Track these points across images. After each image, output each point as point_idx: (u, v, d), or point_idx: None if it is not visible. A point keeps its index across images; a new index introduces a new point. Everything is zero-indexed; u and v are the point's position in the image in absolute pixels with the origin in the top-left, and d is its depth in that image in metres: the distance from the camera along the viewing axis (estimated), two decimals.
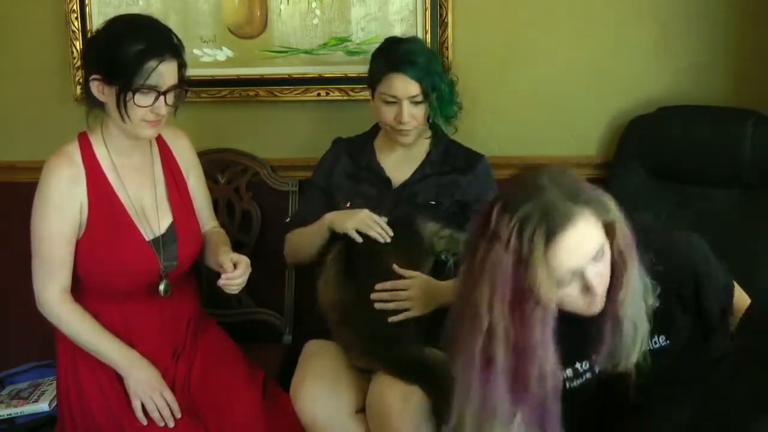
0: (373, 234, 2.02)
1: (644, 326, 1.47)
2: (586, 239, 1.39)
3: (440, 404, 1.79)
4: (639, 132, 2.31)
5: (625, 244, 1.44)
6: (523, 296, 1.37)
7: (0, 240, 2.57)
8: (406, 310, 1.98)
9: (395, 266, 2.01)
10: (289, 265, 2.36)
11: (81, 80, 1.90)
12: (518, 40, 2.43)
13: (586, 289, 1.42)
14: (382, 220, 2.05)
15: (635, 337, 1.46)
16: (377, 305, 1.98)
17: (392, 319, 1.98)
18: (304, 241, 2.16)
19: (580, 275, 1.41)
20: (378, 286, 1.99)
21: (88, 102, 1.91)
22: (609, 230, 1.43)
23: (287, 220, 2.30)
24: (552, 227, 1.35)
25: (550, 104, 2.45)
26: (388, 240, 2.03)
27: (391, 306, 1.98)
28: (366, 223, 2.03)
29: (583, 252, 1.39)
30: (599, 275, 1.42)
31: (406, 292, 1.99)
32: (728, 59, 2.35)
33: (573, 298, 1.44)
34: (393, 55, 2.10)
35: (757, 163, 2.13)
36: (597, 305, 1.45)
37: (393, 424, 1.86)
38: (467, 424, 1.46)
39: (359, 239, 2.02)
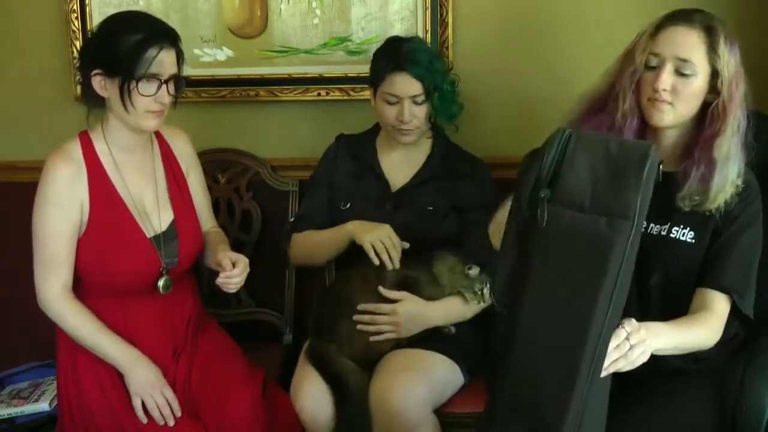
0: (384, 257, 2.01)
1: (732, 175, 1.69)
2: (683, 40, 1.68)
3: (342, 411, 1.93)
4: None
5: (730, 104, 1.69)
6: (629, 55, 1.76)
7: (0, 240, 2.57)
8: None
9: (380, 288, 2.01)
10: (294, 265, 2.33)
11: (80, 80, 1.91)
12: (518, 40, 2.43)
13: (655, 81, 1.68)
14: (399, 244, 2.03)
15: (720, 182, 1.68)
16: (359, 326, 2.00)
17: (373, 339, 1.99)
18: (321, 245, 2.15)
19: (660, 64, 1.69)
20: (360, 307, 2.00)
21: (88, 100, 1.92)
22: (714, 74, 1.69)
23: (291, 219, 2.28)
24: (672, 16, 1.73)
25: (551, 104, 2.44)
26: (397, 266, 2.02)
27: (371, 329, 1.99)
28: (382, 243, 2.01)
29: (673, 46, 1.68)
30: (672, 84, 1.68)
31: (388, 317, 1.99)
32: None
33: (646, 87, 1.71)
34: (395, 54, 2.09)
35: (760, 164, 2.13)
36: (657, 111, 1.70)
37: (393, 421, 1.87)
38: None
39: (376, 261, 2.01)
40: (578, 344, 1.37)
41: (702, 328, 1.65)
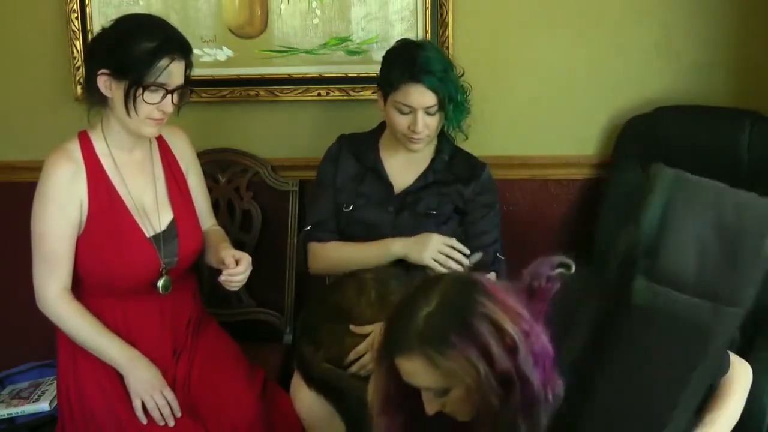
0: (452, 265, 2.00)
1: None
2: (415, 374, 1.37)
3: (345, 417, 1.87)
4: (636, 132, 2.32)
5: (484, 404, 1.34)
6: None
7: (0, 240, 2.57)
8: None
9: (351, 327, 1.96)
10: (314, 274, 2.25)
11: (81, 79, 1.91)
12: (518, 40, 2.43)
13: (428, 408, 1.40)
14: (455, 242, 2.02)
15: None
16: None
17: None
18: (355, 262, 2.09)
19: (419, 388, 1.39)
20: (351, 357, 1.94)
21: (90, 96, 1.92)
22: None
23: (307, 228, 2.23)
24: (390, 351, 1.39)
25: (550, 104, 2.45)
26: (467, 263, 2.00)
27: (364, 372, 1.97)
28: (443, 252, 2.01)
29: (414, 380, 1.38)
30: (440, 404, 1.38)
31: (368, 355, 1.96)
32: (730, 59, 2.35)
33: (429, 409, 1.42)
34: (411, 64, 2.04)
35: (755, 162, 2.14)
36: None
37: None
38: None
39: (443, 270, 1.98)
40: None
41: (733, 388, 1.49)
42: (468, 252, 2.03)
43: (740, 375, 1.49)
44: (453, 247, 2.03)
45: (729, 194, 1.23)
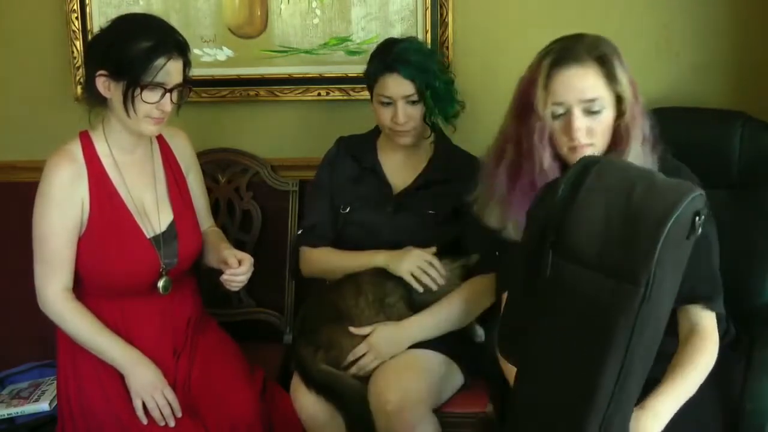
0: (426, 281, 2.00)
1: None
2: (582, 83, 1.61)
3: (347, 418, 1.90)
4: None
5: (633, 123, 1.64)
6: (525, 111, 1.66)
7: (0, 240, 2.57)
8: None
9: (350, 328, 1.99)
10: (305, 276, 2.28)
11: (81, 79, 1.91)
12: (518, 40, 2.42)
13: (569, 129, 1.61)
14: (435, 260, 2.02)
15: None
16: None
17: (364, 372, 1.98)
18: (341, 269, 2.11)
19: (567, 111, 1.61)
20: (350, 359, 1.98)
21: (90, 98, 1.92)
22: (618, 101, 1.64)
23: (299, 232, 2.26)
24: (558, 58, 1.63)
25: None
26: (442, 283, 2.01)
27: (362, 373, 1.98)
28: (420, 267, 2.00)
29: (575, 91, 1.60)
30: (586, 127, 1.61)
31: (369, 355, 1.97)
32: (730, 60, 2.35)
33: (561, 137, 1.64)
34: (387, 55, 2.08)
35: (746, 163, 2.14)
36: (577, 155, 1.59)
37: (392, 421, 1.87)
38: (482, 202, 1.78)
39: (420, 288, 2.00)
40: (584, 409, 1.20)
41: (700, 359, 1.57)
42: (444, 273, 2.02)
43: (712, 350, 1.58)
44: (432, 264, 2.02)
45: (643, 176, 1.26)
